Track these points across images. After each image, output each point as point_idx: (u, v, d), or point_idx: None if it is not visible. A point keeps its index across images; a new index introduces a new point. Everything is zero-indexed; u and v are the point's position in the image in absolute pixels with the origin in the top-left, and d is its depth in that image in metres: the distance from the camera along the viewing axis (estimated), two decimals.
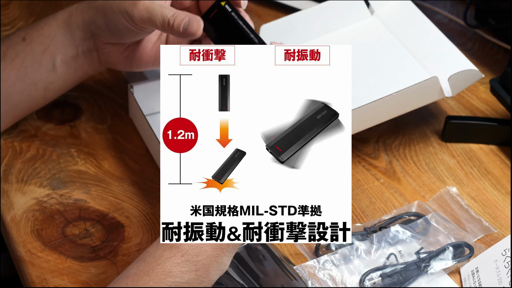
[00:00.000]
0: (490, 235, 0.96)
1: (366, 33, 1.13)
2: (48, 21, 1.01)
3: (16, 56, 1.00)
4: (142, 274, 0.76)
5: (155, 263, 0.77)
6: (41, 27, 1.00)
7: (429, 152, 1.08)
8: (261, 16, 1.28)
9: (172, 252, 0.77)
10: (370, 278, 0.89)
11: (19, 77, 1.00)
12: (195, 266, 0.77)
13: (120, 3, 0.94)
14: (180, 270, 0.77)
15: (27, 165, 1.02)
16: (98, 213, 0.97)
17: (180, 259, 0.77)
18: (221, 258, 0.79)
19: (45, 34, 1.00)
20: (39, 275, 0.90)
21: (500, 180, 1.04)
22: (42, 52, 1.00)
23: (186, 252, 0.77)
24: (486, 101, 1.15)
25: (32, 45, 1.00)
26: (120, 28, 0.95)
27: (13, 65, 1.00)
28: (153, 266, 0.77)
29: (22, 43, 1.00)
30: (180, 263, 0.77)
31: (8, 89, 1.00)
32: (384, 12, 1.14)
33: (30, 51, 1.00)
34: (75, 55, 1.00)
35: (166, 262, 0.77)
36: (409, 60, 1.08)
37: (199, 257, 0.77)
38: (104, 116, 1.10)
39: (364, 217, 0.98)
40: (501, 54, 1.24)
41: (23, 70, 1.00)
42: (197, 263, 0.77)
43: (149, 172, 1.02)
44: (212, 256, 0.78)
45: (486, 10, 1.24)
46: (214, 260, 0.78)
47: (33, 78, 1.00)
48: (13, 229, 0.94)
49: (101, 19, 0.97)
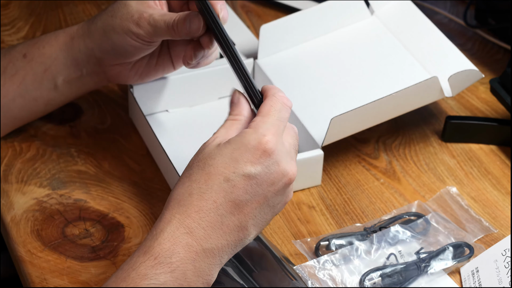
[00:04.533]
0: (490, 235, 0.96)
1: (366, 33, 1.13)
2: (49, 40, 0.99)
3: (16, 73, 0.99)
4: (119, 281, 0.77)
5: (130, 269, 0.78)
6: (42, 46, 0.99)
7: (429, 152, 1.08)
8: (261, 16, 1.28)
9: (146, 256, 0.78)
10: (370, 278, 0.89)
11: (19, 94, 0.99)
12: (169, 268, 0.77)
13: (121, 24, 0.94)
14: (154, 272, 0.77)
15: (27, 165, 1.02)
16: (98, 213, 0.97)
17: (154, 262, 0.77)
18: (198, 262, 0.78)
19: (46, 54, 0.99)
20: (39, 275, 0.90)
21: (500, 180, 1.04)
22: (43, 71, 0.99)
23: (159, 255, 0.78)
24: (486, 101, 1.15)
25: (33, 64, 0.99)
26: (126, 48, 0.95)
27: (13, 81, 0.99)
28: (129, 272, 0.77)
29: (22, 59, 0.99)
30: (153, 266, 0.77)
31: (8, 103, 1.00)
32: (384, 12, 1.14)
33: (30, 69, 0.99)
34: (79, 76, 1.00)
35: (140, 267, 0.77)
36: (409, 60, 1.08)
37: (172, 259, 0.77)
38: (104, 116, 1.10)
39: (364, 217, 0.98)
40: (501, 54, 1.24)
41: (23, 87, 0.99)
42: (171, 265, 0.77)
43: (149, 172, 1.02)
44: (186, 259, 0.78)
45: (486, 10, 1.25)
46: (190, 263, 0.78)
47: (33, 95, 1.00)
48: (13, 229, 0.94)
49: (105, 43, 0.96)
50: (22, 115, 1.02)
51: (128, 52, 0.96)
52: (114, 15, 0.95)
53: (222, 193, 0.80)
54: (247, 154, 0.80)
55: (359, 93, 1.04)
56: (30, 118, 1.03)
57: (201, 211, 0.79)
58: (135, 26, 0.93)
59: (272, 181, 0.81)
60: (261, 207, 0.81)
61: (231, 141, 0.81)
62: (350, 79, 1.07)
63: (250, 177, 0.80)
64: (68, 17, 1.26)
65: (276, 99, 0.83)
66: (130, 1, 0.94)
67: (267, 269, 0.89)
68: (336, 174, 1.04)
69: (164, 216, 0.80)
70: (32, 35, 1.22)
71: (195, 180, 0.80)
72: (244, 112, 0.85)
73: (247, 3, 1.31)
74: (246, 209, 0.80)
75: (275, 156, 0.80)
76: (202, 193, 0.80)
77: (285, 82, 1.07)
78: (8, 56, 1.00)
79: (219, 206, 0.79)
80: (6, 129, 1.03)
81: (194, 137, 1.04)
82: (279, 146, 0.81)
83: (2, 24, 1.24)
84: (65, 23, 1.25)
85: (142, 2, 0.94)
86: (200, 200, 0.79)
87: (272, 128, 0.81)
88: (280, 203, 0.83)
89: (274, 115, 0.82)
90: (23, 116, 1.02)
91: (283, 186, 0.82)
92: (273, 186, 0.81)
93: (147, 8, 0.93)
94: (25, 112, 1.02)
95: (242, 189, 0.80)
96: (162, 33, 0.92)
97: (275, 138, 0.81)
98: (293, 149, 0.84)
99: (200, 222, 0.79)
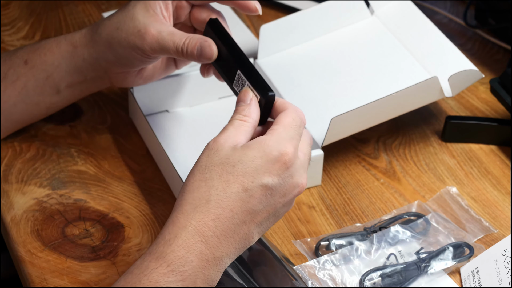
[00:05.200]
0: (490, 235, 0.96)
1: (366, 33, 1.13)
2: (50, 47, 0.98)
3: (18, 79, 0.98)
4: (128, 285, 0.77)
5: (141, 274, 0.77)
6: (44, 53, 0.98)
7: (429, 152, 1.08)
8: (261, 16, 1.28)
9: (158, 263, 0.77)
10: (370, 278, 0.89)
11: (21, 99, 0.99)
12: (181, 276, 0.77)
13: (127, 38, 0.93)
14: (166, 280, 0.76)
15: (27, 165, 1.02)
16: (98, 213, 0.97)
17: (166, 269, 0.77)
18: (208, 270, 0.78)
19: (48, 62, 0.98)
20: (39, 275, 0.90)
21: (500, 180, 1.04)
22: (45, 78, 0.98)
23: (172, 262, 0.77)
24: (486, 101, 1.15)
25: (34, 70, 0.98)
26: (131, 60, 0.95)
27: (14, 87, 0.98)
28: (139, 277, 0.77)
29: (24, 66, 0.98)
30: (166, 273, 0.76)
31: (9, 108, 0.99)
32: (384, 12, 1.14)
33: (32, 76, 0.98)
34: (82, 81, 0.99)
35: (152, 273, 0.76)
36: (409, 60, 1.08)
37: (185, 267, 0.77)
38: (104, 116, 1.10)
39: (364, 217, 0.98)
40: (501, 54, 1.24)
41: (24, 92, 0.99)
42: (183, 273, 0.77)
43: (149, 172, 1.02)
44: (198, 267, 0.78)
45: (486, 10, 1.24)
46: (200, 271, 0.78)
47: (35, 100, 1.00)
48: (13, 229, 0.94)
49: (110, 54, 0.95)
50: (24, 118, 1.02)
51: (133, 63, 0.95)
52: (120, 28, 0.93)
53: (239, 202, 0.79)
54: (268, 165, 0.79)
55: (359, 93, 1.04)
56: (31, 121, 1.03)
57: (218, 219, 0.79)
58: (141, 41, 0.92)
59: (284, 193, 0.81)
60: (269, 216, 0.82)
61: (252, 147, 0.80)
62: (350, 79, 1.07)
63: (267, 188, 0.80)
64: (68, 17, 1.26)
65: (297, 114, 0.83)
66: (136, 13, 0.93)
67: (267, 269, 0.89)
68: (336, 174, 1.04)
69: (179, 220, 0.79)
70: (32, 35, 1.22)
71: (213, 186, 0.79)
72: (253, 116, 0.83)
73: None
74: (257, 218, 0.80)
75: (292, 169, 0.81)
76: (220, 201, 0.79)
77: (285, 82, 1.07)
78: (9, 62, 0.99)
79: (234, 215, 0.79)
80: (7, 132, 1.03)
81: (194, 137, 1.04)
82: (296, 159, 0.81)
83: (2, 24, 1.24)
84: (65, 23, 1.25)
85: (149, 15, 0.92)
86: (217, 208, 0.79)
87: (293, 141, 0.81)
88: (284, 211, 0.84)
89: (295, 129, 0.82)
90: (25, 119, 1.02)
91: (292, 198, 0.82)
92: (284, 197, 0.81)
93: (154, 23, 0.92)
94: (27, 116, 1.02)
95: (258, 199, 0.80)
96: (169, 52, 0.91)
97: (295, 151, 0.81)
98: (307, 159, 0.84)
99: (215, 231, 0.78)
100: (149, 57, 0.94)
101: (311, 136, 0.86)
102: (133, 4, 0.94)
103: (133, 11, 0.93)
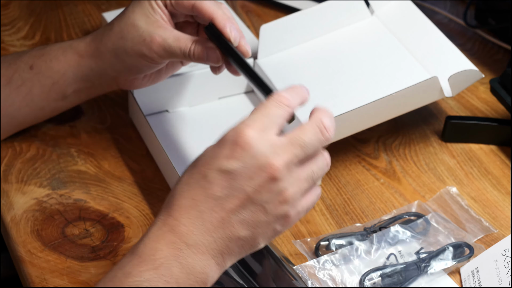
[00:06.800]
0: (490, 235, 0.96)
1: (366, 33, 1.13)
2: (56, 54, 0.98)
3: (23, 84, 0.98)
4: (107, 281, 0.78)
5: (117, 269, 0.79)
6: (49, 60, 0.98)
7: (429, 152, 1.08)
8: (261, 16, 1.28)
9: (132, 256, 0.79)
10: (370, 278, 0.89)
11: (26, 104, 0.99)
12: (153, 265, 0.77)
13: (133, 47, 0.93)
14: (138, 270, 0.77)
15: (27, 165, 1.02)
16: (98, 213, 0.97)
17: (138, 260, 0.78)
18: (184, 259, 0.78)
19: (54, 69, 0.98)
20: (39, 275, 0.90)
21: (500, 180, 1.04)
22: (51, 84, 0.98)
23: (143, 253, 0.78)
24: (486, 101, 1.15)
25: (40, 76, 0.98)
26: (140, 67, 0.95)
27: (19, 92, 0.99)
28: (116, 272, 0.78)
29: (29, 71, 0.98)
30: (138, 264, 0.78)
31: (13, 112, 1.00)
32: (384, 12, 1.14)
33: (37, 81, 0.98)
34: (89, 86, 1.00)
35: (126, 266, 0.78)
36: (409, 60, 1.08)
37: (156, 256, 0.78)
38: (104, 116, 1.10)
39: (364, 217, 0.98)
40: (501, 54, 1.24)
41: (29, 97, 0.99)
42: (154, 262, 0.78)
43: (149, 172, 1.02)
44: (170, 256, 0.78)
45: (486, 10, 1.25)
46: (174, 260, 0.78)
47: (40, 105, 1.00)
48: (13, 229, 0.94)
49: (118, 64, 0.96)
50: (27, 121, 1.02)
51: (142, 70, 0.96)
52: (124, 37, 0.93)
53: (200, 189, 0.79)
54: (224, 150, 0.78)
55: (359, 93, 1.04)
56: (35, 123, 1.04)
57: (181, 209, 0.79)
58: (148, 50, 0.92)
59: (250, 176, 0.78)
60: (245, 204, 0.79)
61: (215, 140, 0.80)
62: (350, 79, 1.07)
63: (226, 172, 0.78)
64: (68, 17, 1.26)
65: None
66: (137, 19, 0.93)
67: (267, 269, 0.89)
68: (336, 174, 1.04)
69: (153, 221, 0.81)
70: (32, 35, 1.22)
71: (180, 182, 0.80)
72: None
73: (247, 3, 1.31)
74: (226, 205, 0.78)
75: (253, 150, 0.77)
76: (183, 192, 0.79)
77: (285, 82, 1.07)
78: (14, 66, 0.99)
79: (198, 202, 0.79)
80: (9, 133, 1.03)
81: (194, 137, 1.04)
82: (260, 140, 0.78)
83: (2, 24, 1.24)
84: (65, 23, 1.25)
85: (151, 21, 0.92)
86: (180, 199, 0.79)
87: (256, 123, 0.78)
88: (272, 202, 0.79)
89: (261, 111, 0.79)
90: (28, 122, 1.03)
91: (264, 181, 0.78)
92: (252, 181, 0.78)
93: (157, 29, 0.92)
94: (31, 119, 1.02)
95: (219, 185, 0.78)
96: (176, 57, 0.92)
97: (254, 132, 0.78)
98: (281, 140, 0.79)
99: (180, 220, 0.79)
100: (157, 63, 0.95)
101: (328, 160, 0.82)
102: (131, 9, 0.94)
103: (133, 17, 0.93)
